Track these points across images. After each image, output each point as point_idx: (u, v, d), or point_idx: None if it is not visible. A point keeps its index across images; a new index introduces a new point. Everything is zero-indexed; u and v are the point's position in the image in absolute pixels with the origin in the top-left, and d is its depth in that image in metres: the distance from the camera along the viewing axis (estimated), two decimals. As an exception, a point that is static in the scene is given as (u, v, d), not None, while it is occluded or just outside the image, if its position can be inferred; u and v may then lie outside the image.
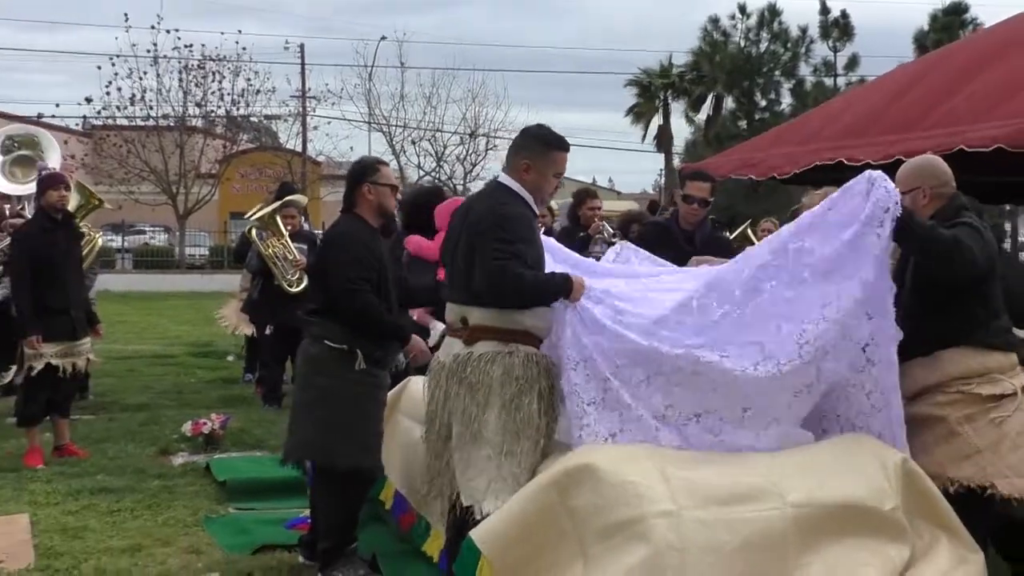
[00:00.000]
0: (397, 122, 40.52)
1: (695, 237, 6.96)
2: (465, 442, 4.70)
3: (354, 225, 5.86)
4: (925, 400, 4.90)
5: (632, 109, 50.42)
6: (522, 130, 5.12)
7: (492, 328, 4.74)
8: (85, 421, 10.01)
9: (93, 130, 42.30)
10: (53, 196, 8.44)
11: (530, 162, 4.90)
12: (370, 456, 5.76)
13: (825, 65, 40.72)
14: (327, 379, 5.70)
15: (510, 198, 4.84)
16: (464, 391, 4.73)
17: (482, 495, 4.60)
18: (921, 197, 5.07)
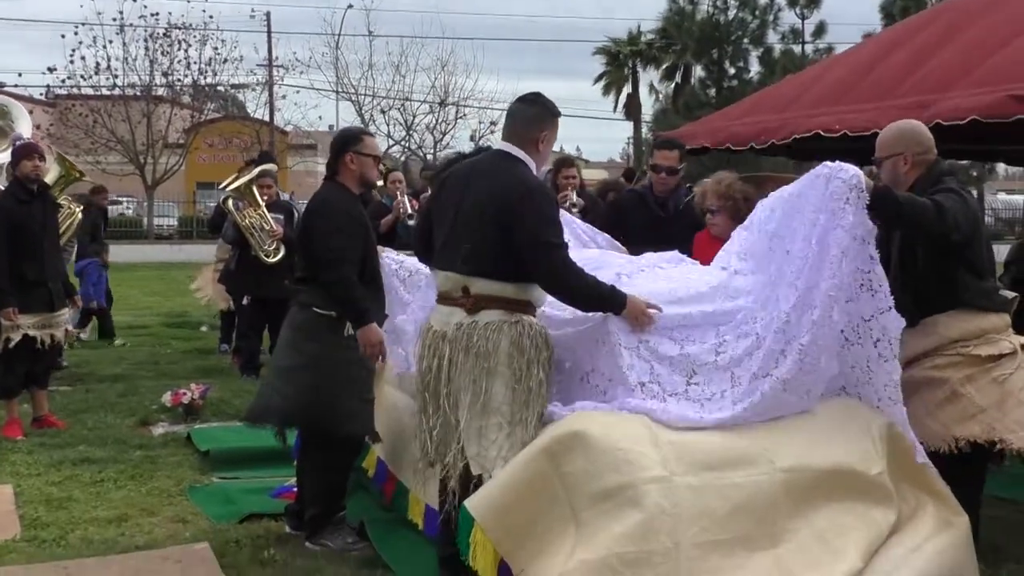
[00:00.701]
0: (366, 91, 40.42)
1: (669, 204, 7.03)
2: (475, 412, 4.69)
3: (336, 193, 5.88)
4: (924, 364, 4.96)
5: (601, 77, 50.45)
6: (527, 99, 4.97)
7: (498, 298, 4.72)
8: (62, 392, 9.99)
9: (57, 100, 41.89)
10: (28, 166, 8.40)
11: (548, 133, 4.88)
12: (360, 422, 5.79)
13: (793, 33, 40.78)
14: (316, 345, 5.72)
15: (525, 169, 4.80)
16: (471, 360, 4.71)
17: (492, 463, 4.62)
18: (902, 163, 5.10)
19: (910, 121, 5.42)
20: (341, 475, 5.91)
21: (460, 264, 4.79)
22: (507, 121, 4.99)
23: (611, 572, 4.07)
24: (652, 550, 4.07)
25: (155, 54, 39.42)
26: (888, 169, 5.16)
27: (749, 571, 4.11)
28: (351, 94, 40.69)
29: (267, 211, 10.57)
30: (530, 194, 4.67)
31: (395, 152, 40.29)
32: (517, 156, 4.82)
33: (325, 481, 5.85)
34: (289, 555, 5.64)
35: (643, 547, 4.08)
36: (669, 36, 43.63)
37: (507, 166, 4.81)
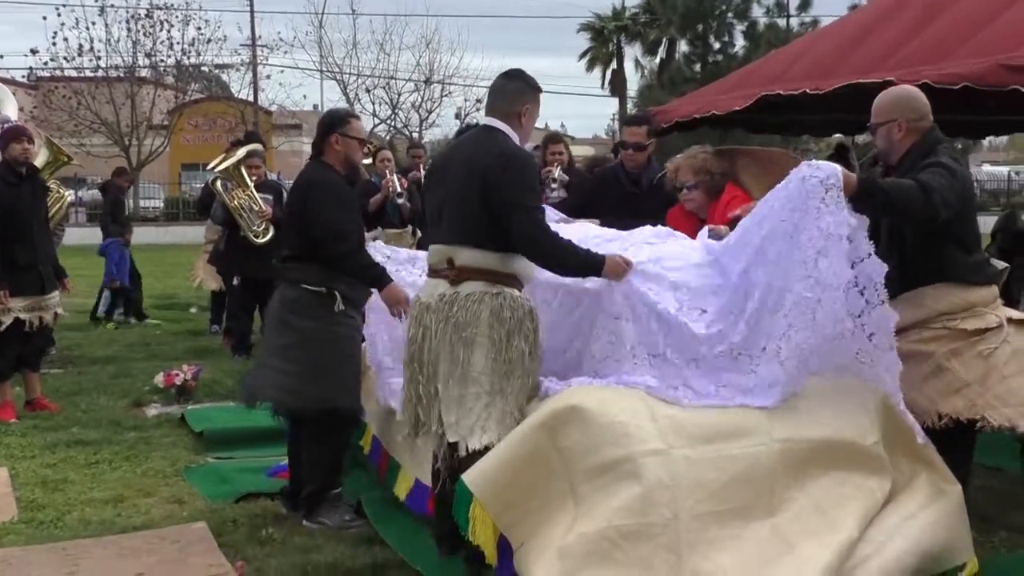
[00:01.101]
0: (350, 70, 40.28)
1: (641, 180, 7.07)
2: (454, 380, 4.75)
3: (325, 172, 5.94)
4: (910, 336, 4.95)
5: (586, 54, 50.38)
6: (509, 75, 5.08)
7: (480, 269, 4.77)
8: (54, 375, 10.02)
9: (40, 82, 41.64)
10: (16, 149, 8.39)
11: (531, 106, 4.95)
12: (350, 398, 5.84)
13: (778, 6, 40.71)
14: (307, 321, 5.77)
15: (508, 139, 4.87)
16: (450, 330, 4.76)
17: (468, 431, 4.68)
18: (896, 130, 5.06)
19: (906, 87, 5.39)
20: (336, 451, 5.94)
21: (446, 235, 4.88)
22: (489, 97, 5.08)
23: (610, 544, 4.10)
24: (651, 522, 4.10)
25: (138, 35, 39.22)
26: (883, 135, 5.13)
27: (747, 540, 4.14)
28: (335, 73, 40.65)
29: (256, 191, 10.55)
30: (510, 159, 4.75)
31: (381, 131, 40.18)
32: (500, 128, 4.89)
33: (320, 457, 5.88)
34: (287, 533, 5.67)
35: (641, 519, 4.10)
36: (653, 11, 43.53)
37: (489, 137, 4.89)
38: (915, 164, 4.93)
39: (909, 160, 5.00)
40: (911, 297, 4.94)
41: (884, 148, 5.16)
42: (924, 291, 4.97)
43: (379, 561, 5.22)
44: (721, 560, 4.08)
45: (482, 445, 4.59)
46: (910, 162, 4.98)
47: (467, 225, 4.78)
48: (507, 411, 4.65)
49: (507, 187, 4.68)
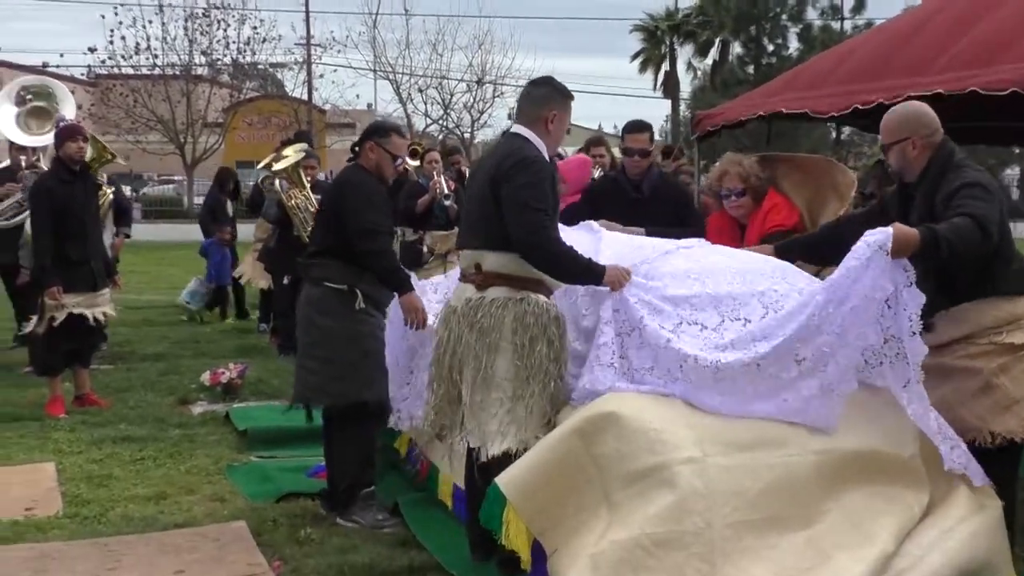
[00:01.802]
0: (403, 70, 40.39)
1: (643, 185, 7.07)
2: (476, 386, 4.79)
3: (361, 175, 6.06)
4: (956, 352, 4.87)
5: (638, 55, 50.23)
6: (537, 82, 5.14)
7: (505, 275, 4.82)
8: (104, 371, 10.14)
9: (98, 80, 42.19)
10: (72, 148, 8.50)
11: (557, 112, 4.95)
12: (374, 391, 5.89)
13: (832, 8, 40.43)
14: (329, 319, 5.89)
15: (526, 144, 4.89)
16: (475, 335, 4.81)
17: (491, 437, 4.72)
18: (911, 148, 4.98)
19: (913, 103, 5.31)
20: (363, 447, 6.00)
21: (473, 240, 4.95)
22: (518, 103, 5.15)
23: (643, 552, 4.10)
24: (684, 530, 4.10)
25: (194, 34, 39.61)
26: (897, 154, 5.05)
27: (781, 551, 4.12)
28: (388, 73, 40.75)
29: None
30: (521, 163, 4.77)
31: (433, 131, 40.31)
32: (523, 135, 4.93)
33: (348, 454, 5.97)
34: (325, 534, 5.70)
35: (675, 527, 4.10)
36: (706, 13, 43.32)
37: (511, 143, 4.96)
38: (937, 181, 4.86)
39: (930, 177, 4.93)
40: (955, 313, 4.84)
41: (899, 166, 5.09)
42: (968, 306, 4.86)
43: (415, 564, 5.23)
44: (754, 570, 4.06)
45: (501, 451, 4.62)
46: (931, 179, 4.91)
47: (490, 230, 4.83)
48: (523, 416, 4.68)
49: (512, 188, 4.72)
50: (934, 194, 4.85)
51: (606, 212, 6.91)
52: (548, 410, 4.74)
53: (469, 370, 4.81)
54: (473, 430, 4.80)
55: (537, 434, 4.64)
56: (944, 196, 4.77)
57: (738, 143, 22.11)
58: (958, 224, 4.51)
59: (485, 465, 4.66)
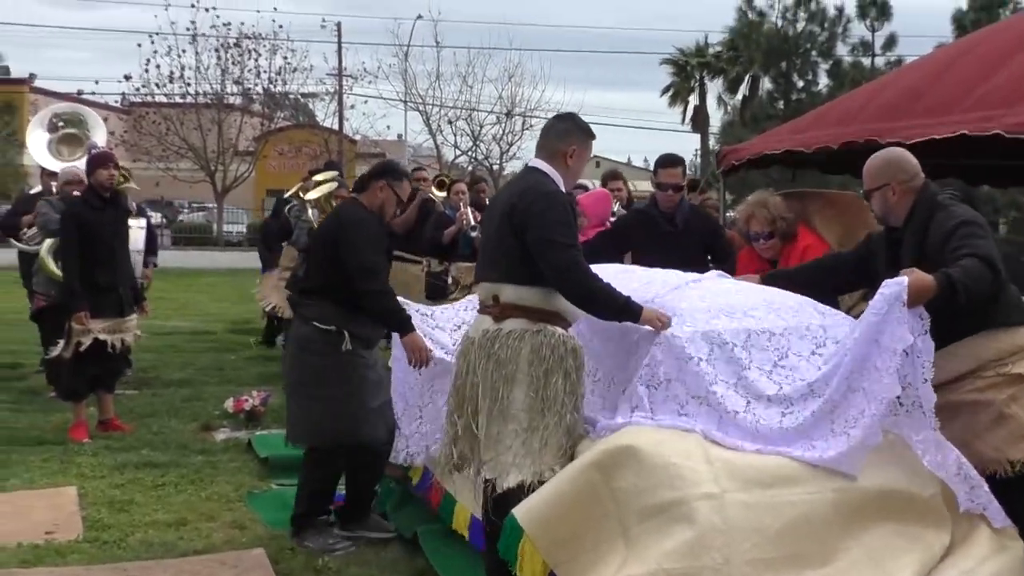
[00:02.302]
0: (433, 101, 40.54)
1: (676, 218, 7.08)
2: (493, 417, 4.79)
3: (363, 213, 6.14)
4: (964, 387, 4.85)
5: (668, 89, 50.27)
6: (560, 117, 5.17)
7: (523, 307, 4.82)
8: (128, 396, 10.17)
9: (132, 107, 42.63)
10: (103, 175, 8.58)
11: (577, 148, 4.96)
12: (367, 431, 5.97)
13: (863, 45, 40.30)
14: (317, 359, 5.97)
15: (544, 179, 4.90)
16: (492, 366, 4.81)
17: (505, 469, 4.71)
18: (891, 194, 5.04)
19: (893, 149, 5.35)
20: (327, 482, 6.14)
21: (490, 272, 4.95)
22: (540, 137, 5.13)
23: (660, 588, 4.07)
24: (703, 566, 4.05)
25: (227, 63, 39.99)
26: (878, 200, 5.11)
27: (799, 589, 4.09)
28: (419, 104, 40.90)
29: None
30: (541, 198, 4.77)
31: (462, 162, 40.43)
32: (541, 168, 4.94)
33: (317, 483, 6.11)
34: (343, 563, 5.71)
35: (693, 563, 4.06)
36: (736, 48, 43.34)
37: (524, 177, 5.01)
38: (925, 224, 4.92)
39: (917, 220, 4.98)
40: (957, 349, 4.82)
41: (881, 212, 5.15)
42: (970, 341, 4.85)
43: (432, 594, 5.23)
44: (773, 607, 4.03)
45: (515, 483, 4.61)
46: (918, 222, 4.97)
47: (507, 263, 4.84)
48: (537, 448, 4.67)
49: (535, 224, 4.72)
50: (923, 236, 4.92)
51: (639, 245, 6.95)
52: (564, 443, 4.72)
53: (486, 401, 4.81)
54: (489, 461, 4.79)
55: (552, 467, 4.62)
56: (940, 237, 4.81)
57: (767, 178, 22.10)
58: (969, 267, 4.52)
59: (501, 497, 4.65)
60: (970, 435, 4.75)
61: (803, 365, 4.68)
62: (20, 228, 10.47)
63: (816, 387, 4.48)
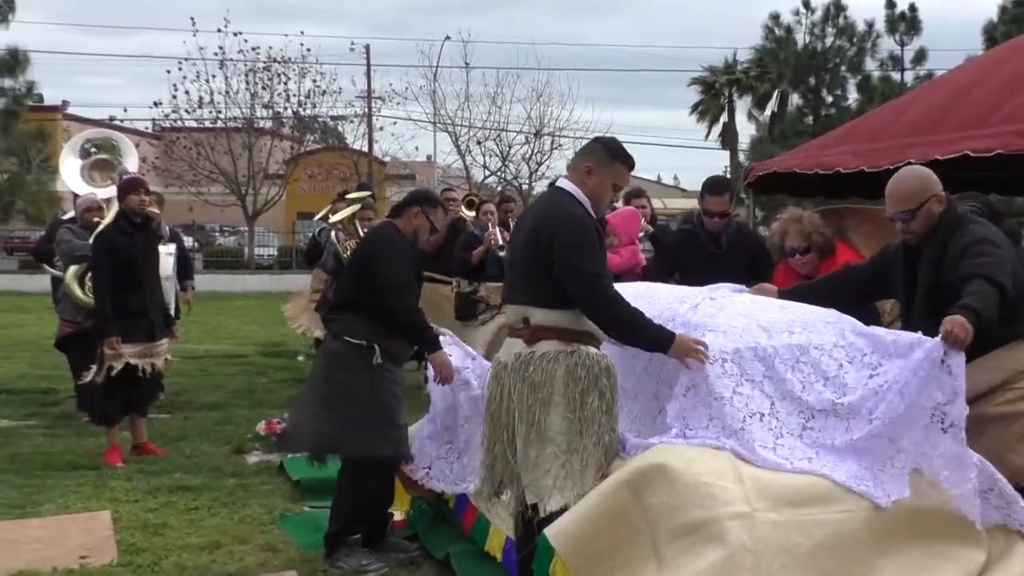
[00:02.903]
0: (462, 122, 40.65)
1: (721, 239, 7.08)
2: (530, 441, 4.77)
3: (396, 234, 6.21)
4: (994, 400, 4.86)
5: (696, 107, 50.22)
6: (593, 138, 5.18)
7: (554, 328, 4.81)
8: (161, 420, 10.21)
9: (163, 133, 42.91)
10: (134, 200, 8.64)
11: (593, 166, 4.89)
12: (389, 446, 6.00)
13: (892, 59, 40.21)
14: (346, 373, 6.01)
15: (570, 200, 4.87)
16: (527, 390, 4.79)
17: (547, 492, 4.69)
18: (936, 204, 5.03)
19: (913, 167, 5.40)
20: (363, 498, 6.11)
21: (518, 295, 4.94)
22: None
23: (692, 607, 4.05)
24: (734, 586, 4.05)
25: (256, 87, 40.15)
26: (924, 217, 5.07)
27: (832, 609, 4.06)
28: (448, 125, 41.04)
29: (366, 244, 10.65)
30: (563, 222, 4.76)
31: (491, 182, 40.48)
32: (565, 188, 4.93)
33: (347, 502, 6.10)
34: (375, 585, 5.70)
35: (725, 583, 4.05)
36: (765, 65, 43.28)
37: (552, 198, 4.98)
38: (945, 241, 4.95)
39: (939, 236, 5.01)
40: (985, 362, 4.78)
41: (926, 226, 5.09)
42: (997, 354, 4.84)
43: (464, 615, 5.22)
44: (805, 627, 4.01)
45: (559, 506, 4.59)
46: (940, 238, 5.00)
47: (535, 285, 4.83)
48: (579, 470, 4.65)
49: (560, 250, 4.71)
50: (943, 251, 4.94)
51: (685, 266, 6.96)
52: (603, 463, 4.71)
53: (522, 425, 4.79)
54: (529, 485, 4.77)
55: (589, 486, 4.61)
56: (956, 254, 4.85)
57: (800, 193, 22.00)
58: (981, 291, 4.55)
59: (544, 521, 4.62)
60: (1002, 447, 4.73)
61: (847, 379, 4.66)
62: (53, 254, 10.58)
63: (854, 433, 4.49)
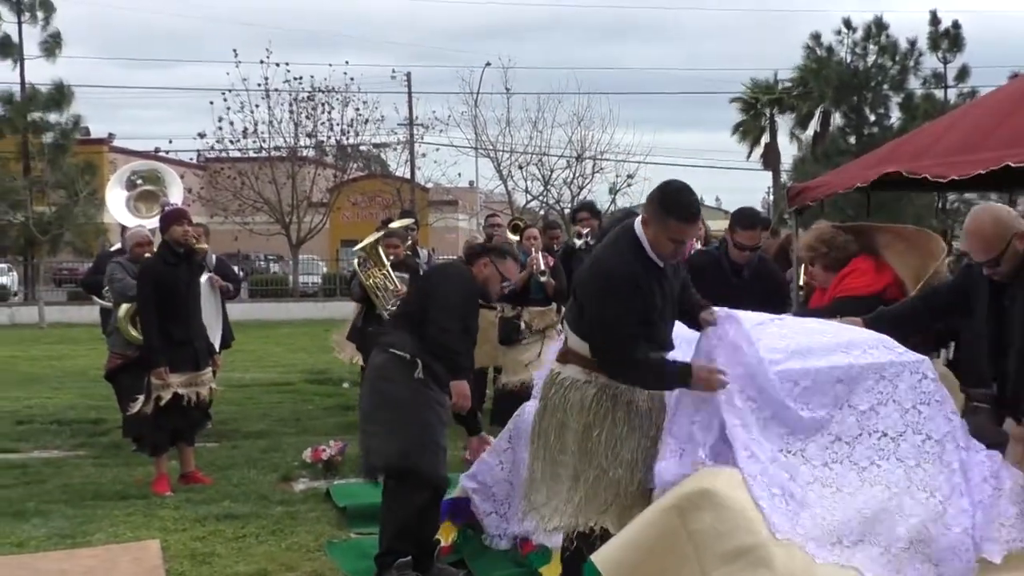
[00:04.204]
0: (504, 147, 40.72)
1: (744, 272, 7.05)
2: (542, 458, 4.87)
3: (465, 276, 6.27)
4: None
5: (738, 127, 50.12)
6: (661, 184, 4.96)
7: (578, 354, 4.84)
8: (208, 448, 10.27)
9: (208, 163, 43.32)
10: (178, 231, 8.71)
11: (648, 218, 4.80)
12: (427, 462, 6.01)
13: (935, 77, 39.94)
14: (390, 385, 6.07)
15: (629, 249, 4.78)
16: (548, 412, 4.87)
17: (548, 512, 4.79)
18: (1020, 243, 4.97)
19: (989, 206, 5.29)
20: (406, 518, 6.09)
21: (567, 314, 5.01)
22: None
23: (739, 632, 4.03)
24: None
25: (299, 117, 40.45)
26: (1010, 258, 5.01)
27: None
28: (489, 151, 41.12)
29: (393, 271, 10.69)
30: (602, 275, 4.76)
31: (533, 207, 40.50)
32: (634, 229, 4.83)
33: (390, 521, 6.12)
34: (423, 610, 5.70)
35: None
36: (806, 84, 43.09)
37: (615, 238, 4.91)
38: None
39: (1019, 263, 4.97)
40: None
41: (1014, 266, 5.03)
42: None
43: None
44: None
45: (555, 526, 4.61)
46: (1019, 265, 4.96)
47: (576, 309, 4.88)
48: (583, 502, 4.67)
49: (588, 303, 4.74)
50: None
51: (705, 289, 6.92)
52: (607, 498, 4.72)
53: (538, 440, 4.86)
54: (538, 504, 4.86)
55: (593, 521, 4.62)
56: None
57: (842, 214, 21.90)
58: None
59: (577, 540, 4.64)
60: None
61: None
62: (101, 285, 10.69)
63: None
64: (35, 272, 34.93)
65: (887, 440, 4.57)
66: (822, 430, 4.59)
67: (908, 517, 4.39)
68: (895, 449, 4.55)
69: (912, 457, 4.53)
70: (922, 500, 4.44)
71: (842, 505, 4.37)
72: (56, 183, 33.65)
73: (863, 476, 4.47)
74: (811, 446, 4.55)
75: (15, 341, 24.94)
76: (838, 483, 4.46)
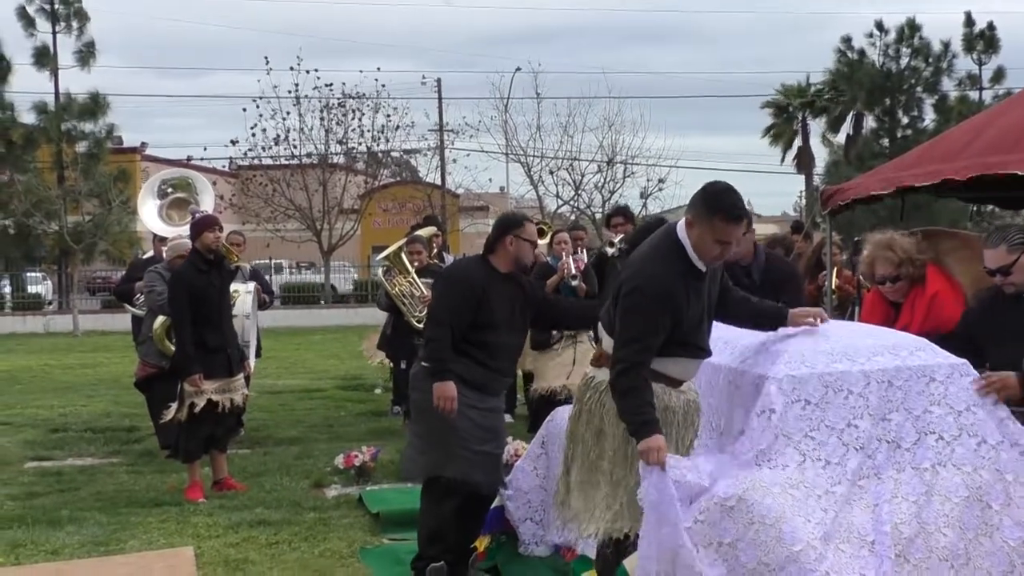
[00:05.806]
0: (534, 152, 40.62)
1: (753, 272, 6.99)
2: (581, 466, 4.82)
3: (472, 266, 6.32)
4: None
5: (769, 130, 49.92)
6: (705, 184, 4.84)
7: None
8: (241, 455, 10.30)
9: (240, 170, 43.50)
10: (209, 238, 8.74)
11: (692, 219, 4.68)
12: (454, 468, 5.99)
13: (970, 79, 39.59)
14: (417, 395, 6.17)
15: (669, 252, 4.67)
16: (584, 417, 4.81)
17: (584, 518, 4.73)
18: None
19: None
20: (437, 522, 6.11)
21: (604, 315, 4.91)
22: None
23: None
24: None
25: (330, 123, 40.52)
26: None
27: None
28: (520, 156, 41.02)
29: (418, 277, 10.69)
30: (634, 277, 4.66)
31: (564, 212, 40.44)
32: (676, 234, 4.71)
33: (426, 524, 6.17)
34: (456, 617, 5.67)
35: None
36: (838, 87, 42.83)
37: (654, 241, 4.79)
38: None
39: None
40: None
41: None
42: None
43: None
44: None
45: (591, 533, 4.57)
46: None
47: (612, 312, 4.79)
48: (624, 508, 4.61)
49: (620, 303, 4.65)
50: None
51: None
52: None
53: (576, 448, 4.83)
54: (577, 511, 4.81)
55: (630, 524, 4.56)
56: None
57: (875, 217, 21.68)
58: None
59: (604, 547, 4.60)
60: None
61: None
62: (134, 294, 10.74)
63: None
64: (69, 281, 35.11)
65: (943, 444, 4.49)
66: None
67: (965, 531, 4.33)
68: (950, 454, 4.47)
69: (968, 463, 4.45)
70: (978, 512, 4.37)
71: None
72: (89, 192, 33.82)
73: (925, 480, 4.41)
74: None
75: (50, 349, 25.11)
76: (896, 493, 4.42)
